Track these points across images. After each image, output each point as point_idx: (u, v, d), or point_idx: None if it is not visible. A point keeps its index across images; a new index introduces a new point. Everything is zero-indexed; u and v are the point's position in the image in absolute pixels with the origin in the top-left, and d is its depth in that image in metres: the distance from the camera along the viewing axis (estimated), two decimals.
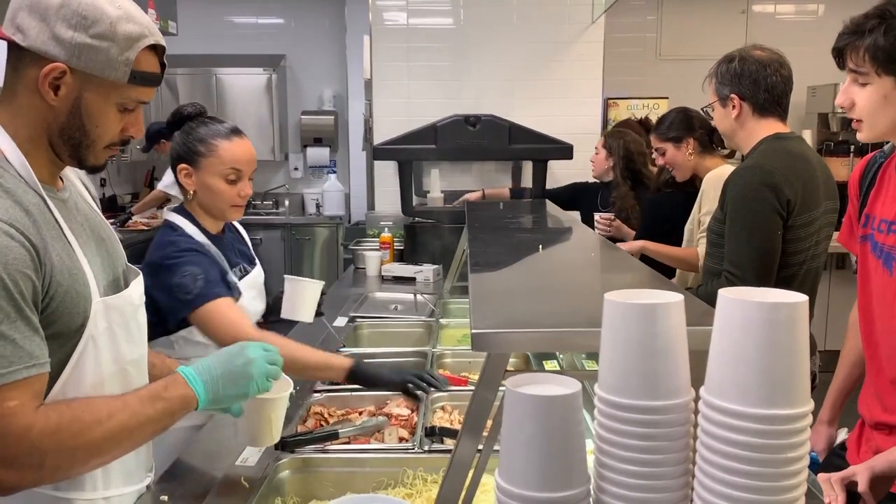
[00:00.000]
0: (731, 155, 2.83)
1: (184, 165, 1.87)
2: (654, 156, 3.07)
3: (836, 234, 1.89)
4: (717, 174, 2.62)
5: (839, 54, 1.48)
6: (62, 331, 1.09)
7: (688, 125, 2.85)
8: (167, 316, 1.79)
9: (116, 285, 1.22)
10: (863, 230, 1.58)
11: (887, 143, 1.63)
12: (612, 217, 3.35)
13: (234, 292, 1.87)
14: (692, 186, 2.91)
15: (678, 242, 2.85)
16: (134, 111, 1.15)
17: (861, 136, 1.52)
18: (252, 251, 2.13)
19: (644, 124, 4.10)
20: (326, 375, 1.86)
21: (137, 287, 1.27)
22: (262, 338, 1.66)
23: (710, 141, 2.83)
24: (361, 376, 1.81)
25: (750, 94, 2.03)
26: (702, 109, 2.22)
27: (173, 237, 1.85)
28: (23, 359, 1.00)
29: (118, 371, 1.17)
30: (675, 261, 2.81)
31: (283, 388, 1.44)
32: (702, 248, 2.58)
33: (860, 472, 1.31)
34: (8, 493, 1.04)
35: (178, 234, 1.86)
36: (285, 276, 2.18)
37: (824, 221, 2.05)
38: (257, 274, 2.06)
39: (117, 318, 1.17)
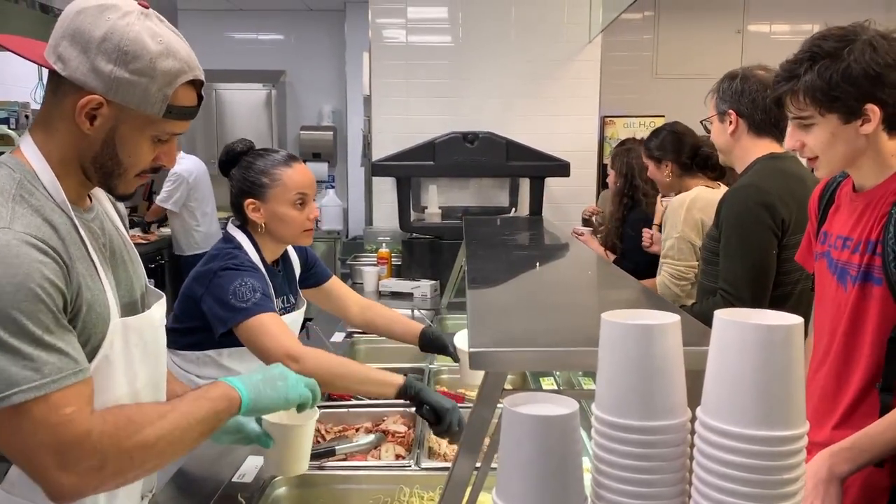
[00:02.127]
0: (720, 177, 2.81)
1: (251, 200, 1.87)
2: None
3: None
4: (679, 200, 2.60)
5: (778, 102, 1.48)
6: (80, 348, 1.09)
7: (673, 147, 2.82)
8: (215, 324, 1.77)
9: (133, 308, 1.23)
10: (820, 247, 1.59)
11: None
12: (582, 232, 3.36)
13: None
14: None
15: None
16: (167, 142, 1.17)
17: (819, 174, 1.52)
18: (298, 286, 2.10)
19: None
20: (378, 391, 1.70)
21: (159, 309, 1.28)
22: (305, 352, 1.66)
23: (692, 163, 2.81)
24: (413, 392, 1.64)
25: (747, 112, 2.05)
26: (701, 122, 2.25)
27: (233, 251, 1.85)
28: (69, 365, 1.01)
29: (130, 392, 1.17)
30: None
31: (310, 416, 1.43)
32: (660, 277, 2.59)
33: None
34: (68, 500, 1.03)
35: (238, 250, 1.86)
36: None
37: None
38: (299, 315, 2.04)
39: (135, 339, 1.18)
